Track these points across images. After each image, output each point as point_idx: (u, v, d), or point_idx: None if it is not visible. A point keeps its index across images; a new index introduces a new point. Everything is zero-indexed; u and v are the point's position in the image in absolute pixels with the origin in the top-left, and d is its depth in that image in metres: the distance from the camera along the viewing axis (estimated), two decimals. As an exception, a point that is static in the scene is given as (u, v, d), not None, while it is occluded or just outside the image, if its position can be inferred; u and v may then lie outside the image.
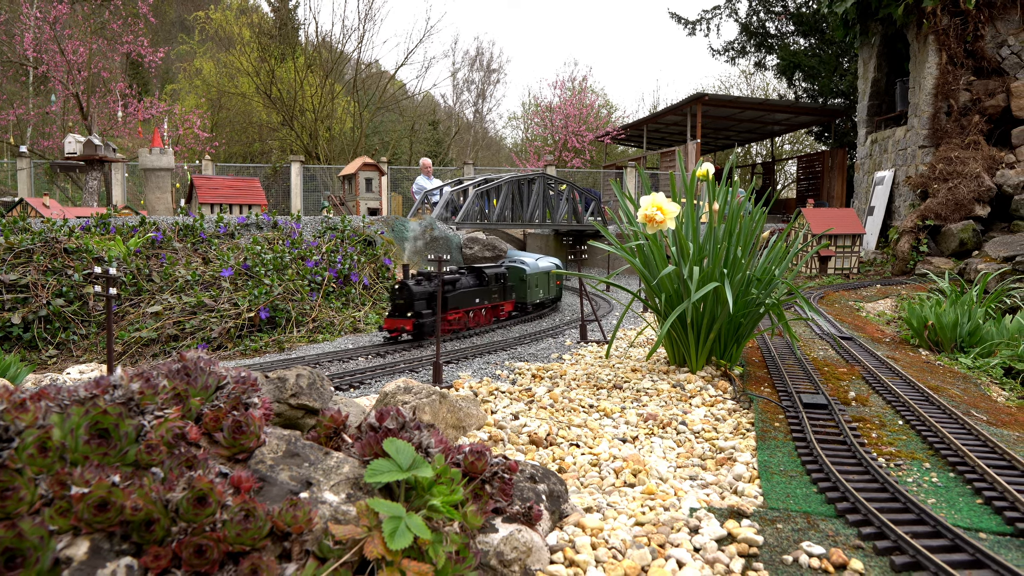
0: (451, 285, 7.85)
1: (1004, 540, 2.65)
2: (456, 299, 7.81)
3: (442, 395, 3.70)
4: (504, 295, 8.81)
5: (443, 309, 7.48)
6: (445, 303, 7.60)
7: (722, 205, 5.55)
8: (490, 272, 8.49)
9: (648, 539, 2.52)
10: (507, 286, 8.91)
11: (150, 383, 2.04)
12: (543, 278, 10.08)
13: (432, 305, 7.44)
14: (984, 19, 15.68)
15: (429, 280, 7.57)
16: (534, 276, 9.67)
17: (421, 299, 7.40)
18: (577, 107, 29.03)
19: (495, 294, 8.58)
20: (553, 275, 10.35)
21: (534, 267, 9.61)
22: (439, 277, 6.10)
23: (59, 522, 1.64)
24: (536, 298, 9.73)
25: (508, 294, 8.94)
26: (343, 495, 2.01)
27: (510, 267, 9.40)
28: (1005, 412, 4.95)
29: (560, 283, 10.71)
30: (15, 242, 7.82)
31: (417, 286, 7.43)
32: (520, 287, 9.42)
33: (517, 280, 9.45)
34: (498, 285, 8.64)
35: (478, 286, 8.30)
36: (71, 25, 22.38)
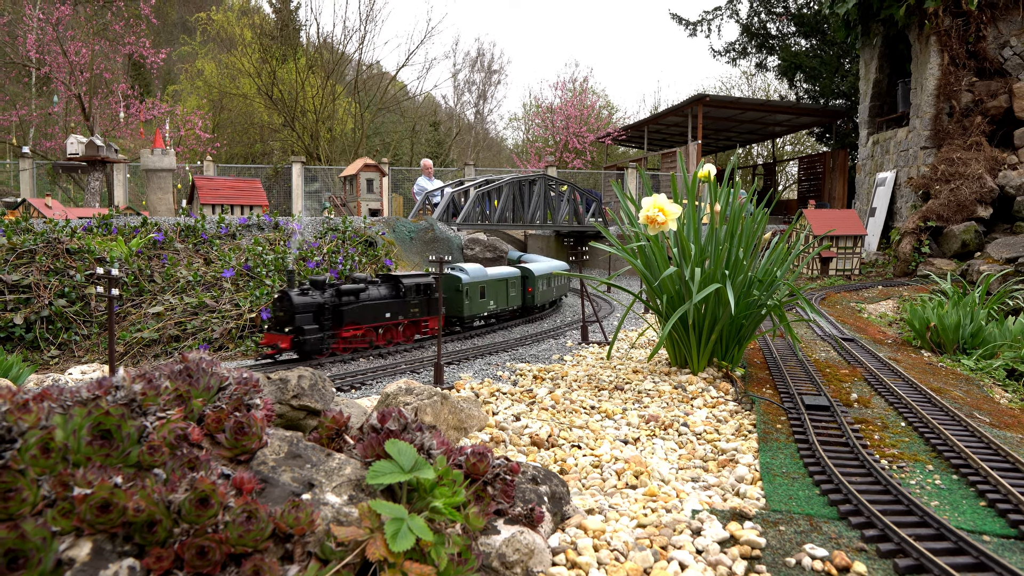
0: (353, 296, 6.87)
1: (1008, 543, 2.64)
2: (356, 313, 6.79)
3: (443, 396, 3.69)
4: (430, 309, 7.65)
5: (338, 324, 6.59)
6: (340, 317, 6.65)
7: (724, 206, 5.54)
8: (409, 282, 7.42)
9: (650, 541, 2.51)
10: (432, 299, 7.68)
11: (152, 384, 2.04)
12: (496, 287, 8.81)
13: (320, 319, 6.50)
14: (986, 20, 15.66)
15: (321, 289, 6.62)
16: (476, 285, 8.39)
17: (305, 312, 6.43)
18: (578, 108, 29.04)
19: (415, 307, 7.45)
20: (516, 283, 9.25)
21: (477, 275, 8.43)
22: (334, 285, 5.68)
23: (61, 523, 1.64)
24: (481, 311, 8.53)
25: (435, 308, 7.64)
26: (345, 496, 2.01)
27: (446, 275, 8.22)
28: (1008, 414, 4.94)
29: (532, 289, 9.62)
30: (17, 243, 7.83)
31: (301, 296, 6.45)
32: (456, 299, 8.19)
33: (452, 291, 8.23)
34: (420, 297, 7.52)
35: (392, 298, 7.25)
36: (73, 26, 22.41)
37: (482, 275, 8.49)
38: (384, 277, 7.42)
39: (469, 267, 8.35)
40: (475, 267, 8.44)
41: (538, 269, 9.83)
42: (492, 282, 8.64)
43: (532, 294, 9.56)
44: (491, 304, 8.66)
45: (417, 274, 7.63)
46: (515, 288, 9.19)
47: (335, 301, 6.62)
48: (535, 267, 9.75)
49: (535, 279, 9.56)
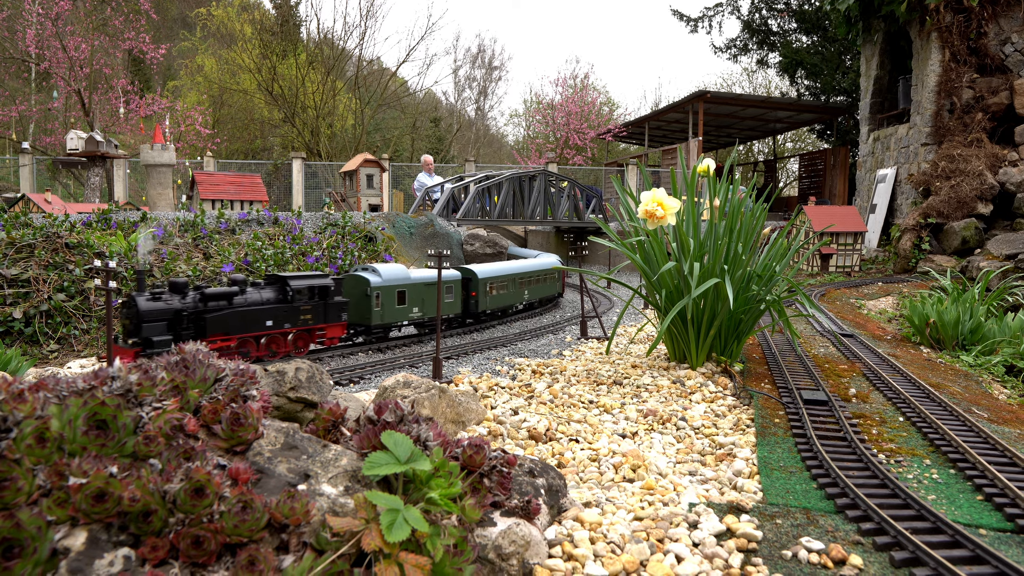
0: (223, 301, 5.88)
1: (1004, 536, 2.65)
2: (225, 321, 5.81)
3: (441, 390, 3.70)
4: (325, 316, 6.67)
5: (201, 334, 5.69)
6: (202, 327, 5.69)
7: (723, 202, 5.54)
8: (299, 284, 6.48)
9: (647, 534, 2.51)
10: (330, 304, 6.71)
11: (148, 375, 2.04)
12: (423, 292, 7.70)
13: (177, 329, 5.60)
14: (987, 16, 15.63)
15: (181, 293, 5.70)
16: (391, 289, 7.29)
17: (156, 320, 5.47)
18: (579, 104, 29.00)
19: (308, 314, 6.51)
20: (454, 286, 8.18)
21: (394, 277, 7.37)
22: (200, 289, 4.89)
23: (57, 512, 1.64)
24: (399, 318, 7.42)
25: (334, 315, 6.73)
26: (341, 487, 2.01)
27: (352, 277, 7.30)
28: (1006, 409, 4.94)
29: (476, 294, 8.49)
30: (17, 237, 7.83)
31: (152, 301, 5.52)
32: (363, 304, 7.16)
33: (359, 296, 7.19)
34: (313, 302, 6.56)
35: (277, 303, 6.31)
36: (73, 21, 22.37)
37: (401, 277, 7.43)
38: (270, 279, 6.52)
39: (385, 268, 7.39)
40: (394, 268, 7.49)
41: (489, 271, 8.76)
42: (417, 285, 7.56)
43: (475, 299, 8.48)
44: (415, 311, 7.55)
45: (311, 275, 6.65)
46: (452, 293, 8.11)
47: (198, 307, 5.71)
48: (483, 268, 8.68)
49: (479, 282, 8.47)
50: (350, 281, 7.24)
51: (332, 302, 6.74)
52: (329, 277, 6.76)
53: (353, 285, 7.21)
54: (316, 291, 6.60)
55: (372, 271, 7.31)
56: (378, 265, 7.38)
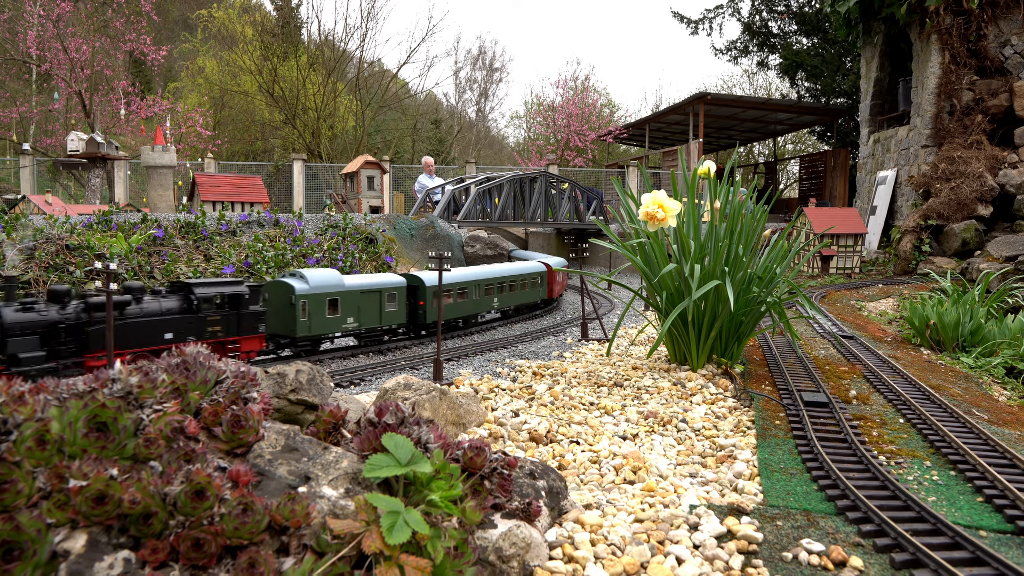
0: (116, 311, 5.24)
1: (1005, 538, 2.64)
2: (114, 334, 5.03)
3: (442, 392, 3.70)
4: (238, 327, 6.06)
5: (84, 349, 5.11)
6: (85, 341, 5.10)
7: (723, 203, 5.54)
8: (206, 292, 5.85)
9: (647, 536, 2.51)
10: (245, 314, 6.11)
11: (149, 377, 2.04)
12: (360, 300, 7.07)
13: (53, 343, 4.95)
14: (987, 18, 15.64)
15: (61, 303, 5.05)
16: (320, 297, 6.71)
17: (24, 334, 4.81)
18: (579, 106, 29.01)
19: (216, 326, 5.91)
20: (398, 294, 7.52)
21: (325, 284, 6.80)
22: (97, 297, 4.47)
23: (57, 515, 1.64)
24: (331, 329, 6.85)
25: (248, 326, 6.14)
26: (341, 490, 2.01)
27: (275, 284, 6.75)
28: (1006, 411, 4.94)
29: (424, 303, 7.81)
30: (17, 239, 7.83)
31: (21, 312, 4.83)
32: (287, 313, 6.56)
33: (283, 304, 6.60)
34: (224, 313, 5.95)
35: (179, 313, 5.72)
36: (74, 23, 22.39)
37: (332, 284, 6.84)
38: (174, 286, 5.95)
39: (314, 273, 6.81)
40: (324, 273, 6.90)
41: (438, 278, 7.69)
42: (352, 293, 6.97)
43: (424, 309, 7.79)
44: (349, 321, 6.97)
45: (221, 281, 6.04)
46: (395, 301, 7.46)
47: (80, 319, 5.09)
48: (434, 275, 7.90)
49: (426, 290, 7.77)
50: (273, 288, 6.71)
51: (247, 312, 6.12)
52: (243, 284, 6.21)
53: (276, 293, 6.68)
54: (227, 300, 6.00)
55: (298, 277, 6.76)
56: (307, 270, 6.87)
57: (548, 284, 10.59)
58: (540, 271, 10.17)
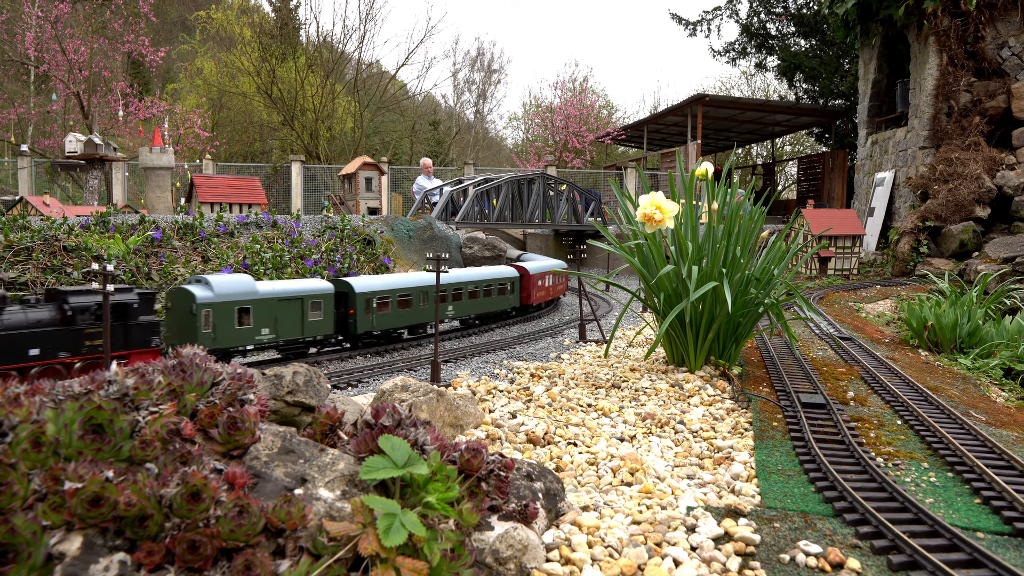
0: None
1: (1002, 540, 2.64)
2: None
3: (440, 393, 3.69)
4: (126, 341, 5.47)
5: None
6: None
7: (721, 205, 5.54)
8: (83, 301, 5.25)
9: (645, 538, 2.51)
10: (133, 326, 5.52)
11: (145, 379, 2.03)
12: (277, 308, 6.44)
13: None
14: (985, 20, 15.66)
15: None
16: (228, 306, 6.06)
17: None
18: (578, 108, 29.02)
19: (98, 340, 5.34)
20: (323, 303, 6.89)
21: (234, 291, 6.15)
22: None
23: (52, 517, 1.64)
24: (242, 341, 6.21)
25: (138, 339, 5.55)
26: (338, 492, 2.01)
27: (176, 291, 6.08)
28: (1004, 412, 4.94)
29: (355, 312, 7.14)
30: (15, 240, 7.82)
31: None
32: (188, 324, 5.89)
33: (184, 314, 5.92)
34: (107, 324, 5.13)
35: (48, 326, 5.09)
36: (72, 24, 22.36)
37: (243, 291, 6.22)
38: (49, 294, 5.33)
39: (221, 279, 6.20)
40: (233, 280, 6.29)
41: (373, 284, 7.39)
42: (267, 301, 6.33)
43: (354, 318, 7.15)
44: (264, 332, 6.32)
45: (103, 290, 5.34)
46: (320, 310, 6.84)
47: None
48: (366, 281, 7.37)
49: (357, 297, 7.14)
50: (174, 296, 6.06)
51: (137, 323, 5.48)
52: (133, 291, 5.58)
53: (177, 301, 6.03)
54: (116, 309, 5.34)
55: (201, 283, 6.10)
56: (213, 276, 6.26)
57: (523, 290, 9.80)
58: (511, 276, 9.45)
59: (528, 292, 9.78)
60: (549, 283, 10.68)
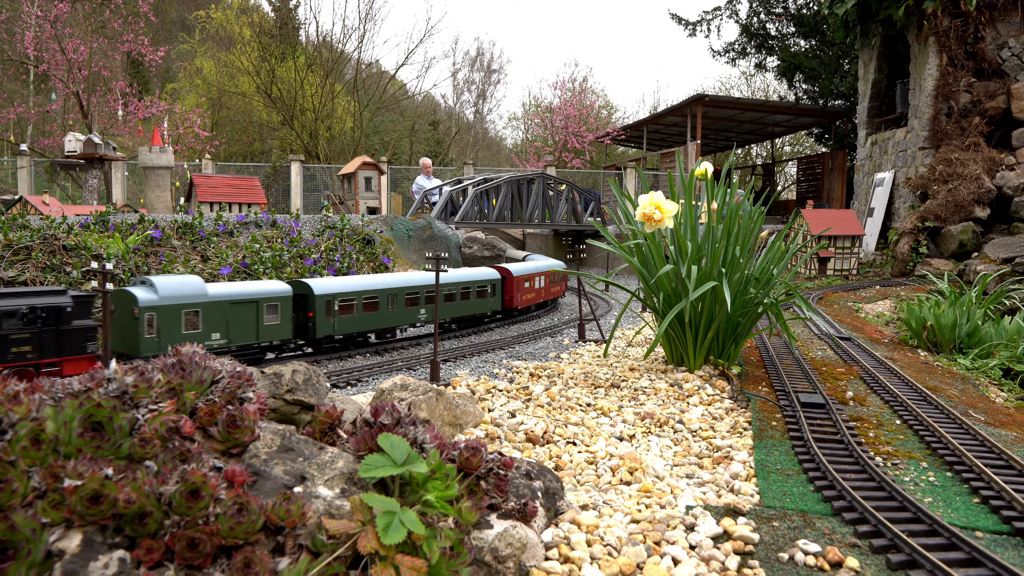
0: None
1: (1001, 539, 2.65)
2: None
3: (439, 392, 3.69)
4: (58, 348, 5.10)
5: None
6: None
7: (720, 205, 5.55)
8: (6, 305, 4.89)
9: (644, 536, 2.51)
10: (66, 331, 5.14)
11: (144, 377, 2.03)
12: (230, 312, 6.09)
13: None
14: (985, 21, 15.67)
15: None
16: (174, 309, 5.71)
17: None
18: (577, 108, 29.02)
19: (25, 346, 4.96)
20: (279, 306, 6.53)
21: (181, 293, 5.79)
22: None
23: (52, 514, 1.64)
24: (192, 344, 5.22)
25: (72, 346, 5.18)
26: (337, 490, 2.01)
27: (118, 293, 5.70)
28: (1003, 412, 4.94)
29: (314, 315, 6.79)
30: (14, 239, 7.82)
31: None
32: (130, 328, 5.58)
33: (127, 318, 5.62)
34: (35, 330, 4.95)
35: None
36: (72, 24, 22.36)
37: (191, 293, 5.84)
38: None
39: (167, 281, 5.86)
40: (181, 281, 5.94)
41: (335, 286, 7.03)
42: (217, 304, 5.97)
43: (314, 321, 6.79)
44: (215, 337, 6.00)
45: (34, 291, 4.95)
46: (276, 313, 6.50)
47: None
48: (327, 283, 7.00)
49: (316, 300, 6.79)
50: (117, 299, 5.68)
51: (70, 328, 5.08)
52: (67, 294, 5.16)
53: (120, 304, 5.67)
54: (40, 314, 4.91)
55: (146, 285, 5.74)
56: (159, 277, 5.89)
57: (505, 293, 9.36)
58: (492, 279, 8.99)
59: (511, 295, 9.38)
60: (540, 285, 10.28)
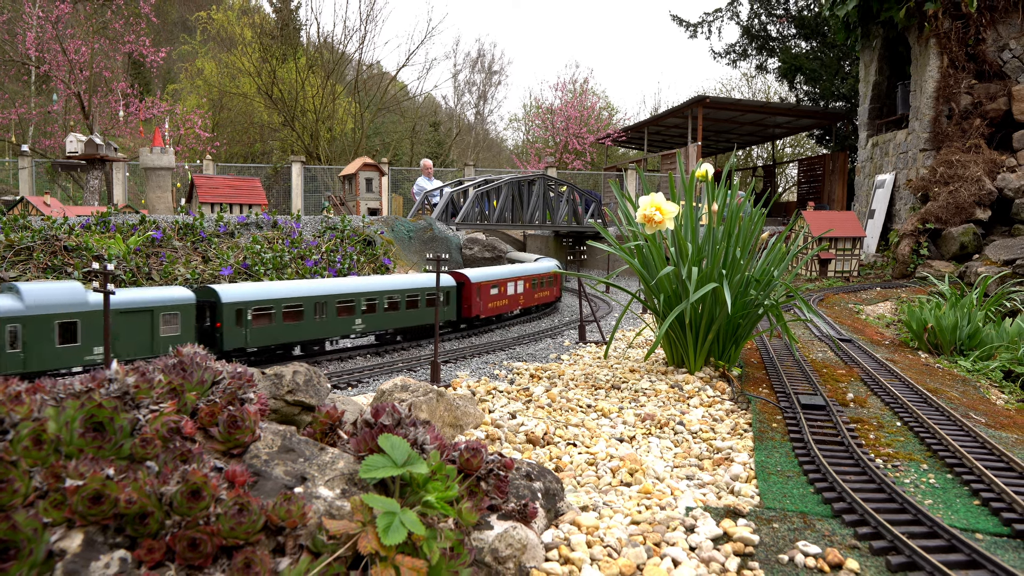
0: None
1: (1001, 541, 2.65)
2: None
3: (439, 393, 3.70)
4: None
5: None
6: None
7: (721, 206, 5.55)
8: None
9: (644, 538, 2.51)
10: None
11: (145, 377, 2.04)
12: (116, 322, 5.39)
13: None
14: (986, 22, 15.67)
15: None
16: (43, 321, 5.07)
17: None
18: (578, 109, 29.04)
19: None
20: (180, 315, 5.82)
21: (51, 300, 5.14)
22: None
23: (53, 514, 1.64)
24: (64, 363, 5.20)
25: None
26: (338, 490, 2.01)
27: None
28: (1004, 415, 4.94)
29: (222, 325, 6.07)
30: (15, 240, 7.83)
31: None
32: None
33: None
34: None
35: None
36: (73, 25, 22.39)
37: (68, 302, 5.18)
38: None
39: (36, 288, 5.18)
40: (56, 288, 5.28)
41: (250, 292, 6.29)
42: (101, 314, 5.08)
43: (222, 332, 6.05)
44: (96, 352, 5.31)
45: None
46: (175, 323, 5.82)
47: None
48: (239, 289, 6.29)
49: (225, 308, 6.05)
50: None
51: None
52: None
53: None
54: None
55: (12, 292, 5.09)
56: (28, 284, 5.25)
57: (463, 302, 8.49)
58: (445, 285, 8.18)
59: (470, 304, 8.47)
60: (517, 291, 9.35)
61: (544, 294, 10.44)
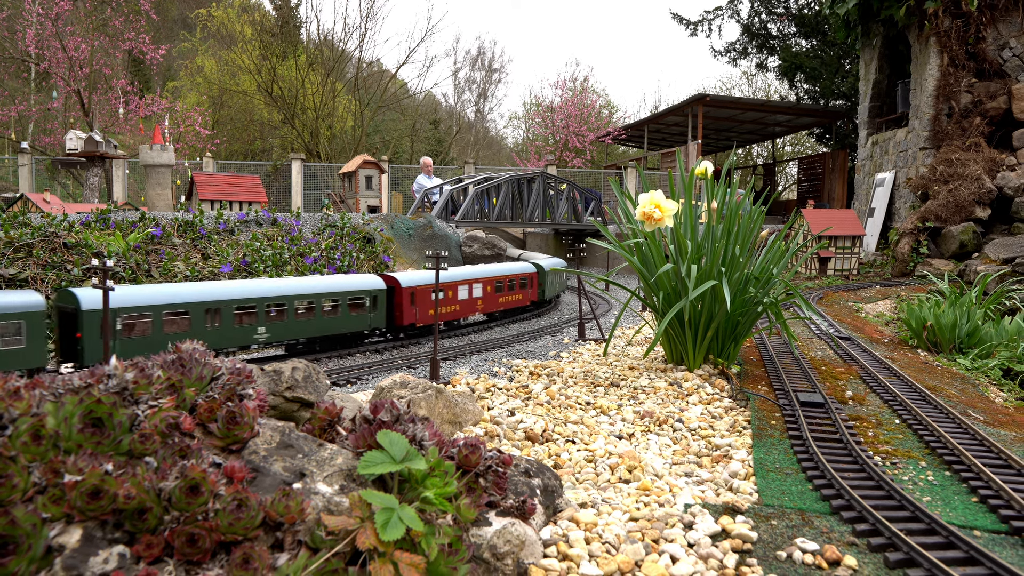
0: None
1: (999, 538, 2.65)
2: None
3: (438, 390, 3.70)
4: None
5: None
6: None
7: (720, 204, 5.55)
8: None
9: (642, 534, 2.52)
10: None
11: (144, 373, 2.04)
12: None
13: None
14: (986, 21, 15.66)
15: None
16: None
17: None
18: (578, 107, 29.02)
19: None
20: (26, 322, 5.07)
21: None
22: None
23: (52, 510, 1.64)
24: None
25: None
26: (336, 486, 2.01)
27: None
28: (1003, 412, 4.94)
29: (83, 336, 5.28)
30: (15, 237, 7.82)
31: None
32: None
33: None
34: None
35: None
36: (73, 22, 22.37)
37: None
38: None
39: None
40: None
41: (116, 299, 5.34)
42: None
43: (82, 344, 5.27)
44: None
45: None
46: (19, 334, 5.06)
47: None
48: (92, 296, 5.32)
49: (85, 317, 5.27)
50: None
51: None
52: None
53: None
54: None
55: None
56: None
57: (394, 308, 7.68)
58: (370, 289, 7.31)
59: (402, 311, 7.64)
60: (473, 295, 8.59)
61: (514, 298, 9.48)
